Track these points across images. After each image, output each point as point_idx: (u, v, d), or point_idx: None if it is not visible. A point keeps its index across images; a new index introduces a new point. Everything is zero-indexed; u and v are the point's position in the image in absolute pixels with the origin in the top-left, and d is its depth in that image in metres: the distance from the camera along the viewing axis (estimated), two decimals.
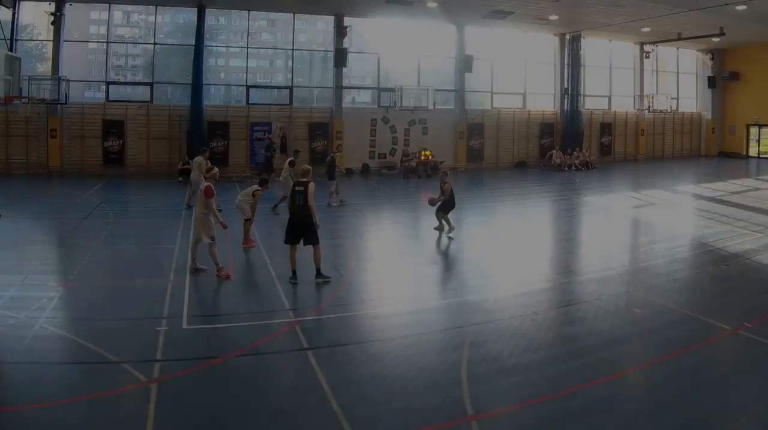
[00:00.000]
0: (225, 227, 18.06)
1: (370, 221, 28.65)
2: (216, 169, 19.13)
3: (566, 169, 49.06)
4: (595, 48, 54.41)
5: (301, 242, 16.93)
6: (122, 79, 44.55)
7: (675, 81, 59.97)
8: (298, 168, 18.65)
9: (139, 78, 44.66)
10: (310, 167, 17.94)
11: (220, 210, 20.16)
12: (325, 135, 45.26)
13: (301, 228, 16.70)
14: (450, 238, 22.84)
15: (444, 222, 23.42)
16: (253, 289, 17.53)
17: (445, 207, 23.38)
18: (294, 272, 16.92)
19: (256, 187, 21.82)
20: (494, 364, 11.84)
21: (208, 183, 18.04)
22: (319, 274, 17.00)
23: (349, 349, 12.81)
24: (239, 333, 13.62)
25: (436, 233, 23.50)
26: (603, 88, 56.06)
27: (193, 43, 41.62)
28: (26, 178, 38.48)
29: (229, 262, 18.93)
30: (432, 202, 23.59)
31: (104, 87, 42.17)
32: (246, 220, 21.45)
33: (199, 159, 27.76)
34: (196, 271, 17.96)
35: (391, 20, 46.60)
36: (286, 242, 16.93)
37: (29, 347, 12.37)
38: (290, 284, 16.80)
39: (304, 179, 16.97)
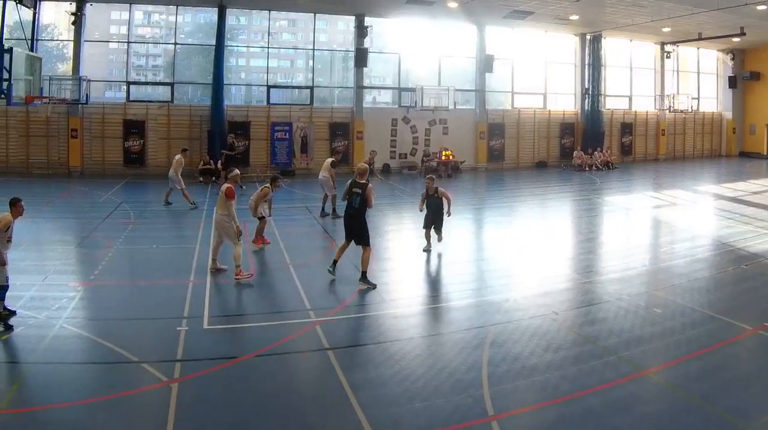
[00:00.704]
0: (240, 233, 17.44)
1: (390, 221, 27.78)
2: (237, 171, 19.06)
3: (587, 169, 48.13)
4: (615, 48, 53.33)
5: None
6: (143, 79, 43.80)
7: (696, 81, 58.55)
8: (356, 167, 17.61)
9: (160, 78, 43.79)
10: (367, 166, 17.67)
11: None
12: (346, 135, 44.57)
13: (356, 229, 16.65)
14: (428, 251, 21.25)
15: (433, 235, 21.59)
16: (273, 289, 17.30)
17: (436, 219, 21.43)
18: (335, 262, 17.07)
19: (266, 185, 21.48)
20: (515, 364, 11.76)
21: (230, 185, 17.82)
22: (364, 277, 16.66)
23: (370, 349, 12.81)
24: (259, 333, 13.52)
25: (447, 231, 22.29)
26: (624, 88, 54.92)
27: (214, 43, 40.96)
28: (47, 178, 37.70)
29: (249, 262, 18.83)
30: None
31: (125, 87, 41.52)
32: (260, 218, 21.01)
33: (177, 157, 28.80)
34: (217, 271, 17.80)
35: (412, 20, 45.78)
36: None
37: (50, 347, 12.24)
38: (325, 279, 17.08)
39: (363, 181, 16.73)
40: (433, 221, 20.71)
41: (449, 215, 20.80)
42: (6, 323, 12.99)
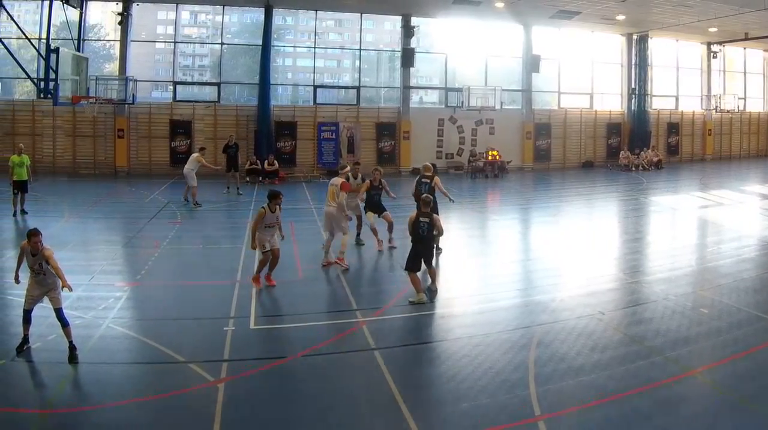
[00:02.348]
0: (350, 219, 18.22)
1: (437, 230, 25.67)
2: (348, 167, 19.91)
3: (633, 169, 45.86)
4: (662, 48, 50.69)
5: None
6: (189, 79, 42.37)
7: (742, 81, 55.58)
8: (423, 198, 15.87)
9: (207, 78, 42.39)
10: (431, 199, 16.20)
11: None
12: (393, 135, 42.58)
13: (424, 255, 15.25)
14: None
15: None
16: (320, 289, 16.65)
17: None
18: (424, 291, 15.11)
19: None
20: (561, 364, 11.47)
21: (343, 179, 18.37)
22: (433, 285, 15.44)
23: (416, 349, 12.59)
24: (306, 333, 13.21)
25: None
26: (670, 89, 52.14)
27: (260, 43, 39.48)
28: (93, 178, 36.70)
29: (296, 262, 18.42)
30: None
31: (171, 87, 40.27)
32: (263, 251, 16.04)
33: (195, 155, 28.61)
34: (329, 265, 17.87)
35: (459, 20, 43.47)
36: (411, 269, 15.09)
37: (96, 347, 12.02)
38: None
39: (427, 211, 15.40)
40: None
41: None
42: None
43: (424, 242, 15.22)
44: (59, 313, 11.68)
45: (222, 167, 32.95)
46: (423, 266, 15.17)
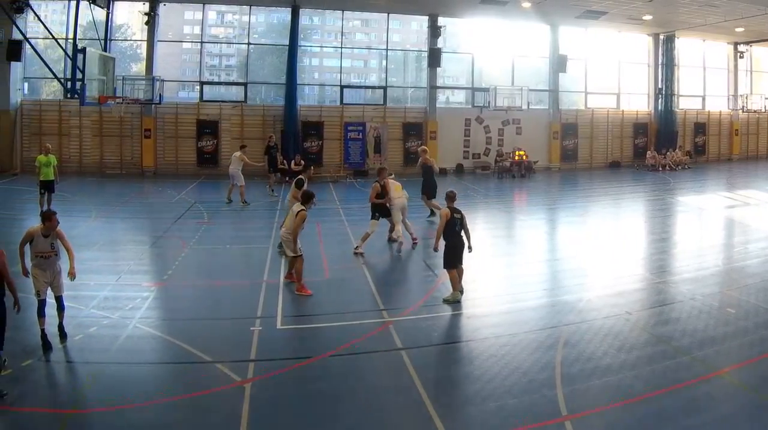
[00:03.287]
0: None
1: (467, 225, 25.00)
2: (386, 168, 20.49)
3: (660, 169, 44.40)
4: (688, 48, 49.13)
5: None
6: (216, 79, 41.52)
7: None
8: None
9: (233, 78, 41.33)
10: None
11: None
12: (419, 135, 41.25)
13: (461, 250, 15.04)
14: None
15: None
16: (346, 289, 16.25)
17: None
18: (461, 292, 14.94)
19: (299, 206, 15.40)
20: (588, 364, 11.27)
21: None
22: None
23: (443, 349, 12.39)
24: (333, 333, 12.98)
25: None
26: (697, 89, 50.57)
27: (287, 43, 38.51)
28: (120, 178, 35.89)
29: (323, 262, 18.14)
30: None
31: (198, 87, 39.36)
32: (295, 256, 15.33)
33: (237, 154, 28.11)
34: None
35: (485, 20, 42.24)
36: (452, 266, 14.89)
37: (123, 347, 11.84)
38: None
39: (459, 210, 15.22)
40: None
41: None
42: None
43: (459, 237, 14.95)
44: (60, 300, 11.83)
45: (264, 164, 32.04)
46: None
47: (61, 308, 11.88)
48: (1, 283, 10.01)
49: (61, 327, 11.89)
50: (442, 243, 14.90)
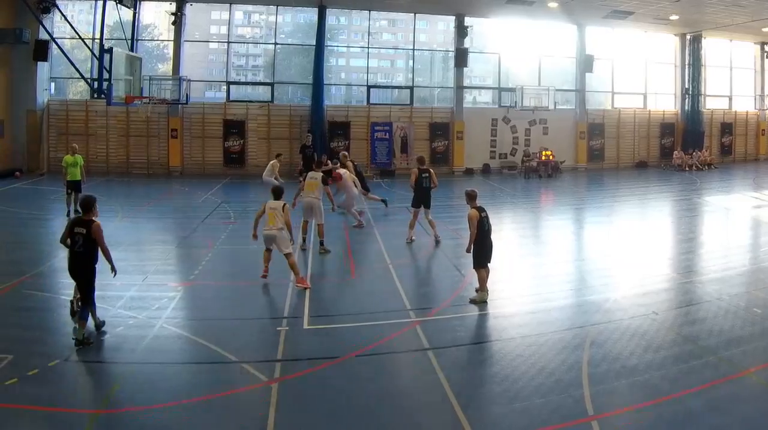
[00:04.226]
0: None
1: (490, 221, 24.63)
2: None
3: (686, 169, 43.24)
4: (715, 48, 47.82)
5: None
6: (243, 79, 40.57)
7: None
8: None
9: (260, 78, 40.37)
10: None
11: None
12: (446, 135, 40.35)
13: (491, 249, 14.67)
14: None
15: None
16: (373, 289, 15.83)
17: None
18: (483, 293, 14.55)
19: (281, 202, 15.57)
20: (615, 364, 10.93)
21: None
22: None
23: (470, 349, 12.12)
24: (360, 333, 12.57)
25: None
26: (723, 89, 49.12)
27: (314, 43, 37.65)
28: (147, 178, 35.28)
29: (350, 262, 18.21)
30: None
31: (225, 87, 38.50)
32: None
33: (272, 162, 27.17)
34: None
35: (512, 20, 41.31)
36: (482, 265, 14.49)
37: (149, 347, 11.57)
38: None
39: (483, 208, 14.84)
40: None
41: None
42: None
43: (489, 237, 14.60)
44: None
45: (299, 167, 31.32)
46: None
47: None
48: (96, 251, 11.57)
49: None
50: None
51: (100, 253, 11.69)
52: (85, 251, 11.57)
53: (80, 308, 11.57)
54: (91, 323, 11.73)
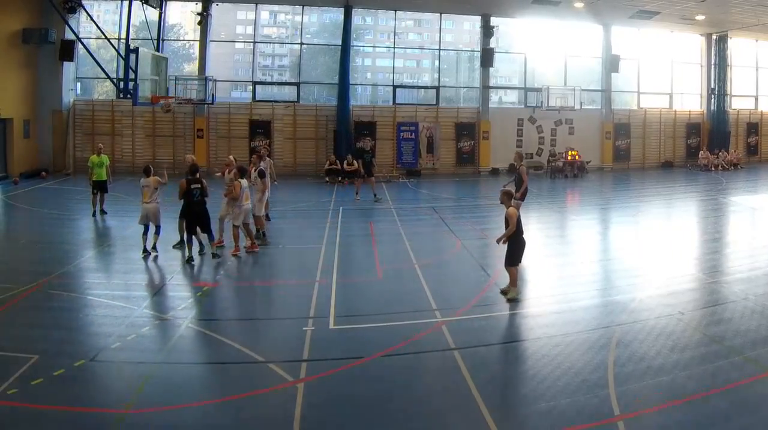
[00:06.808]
0: None
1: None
2: None
3: (713, 169, 41.00)
4: (741, 48, 45.29)
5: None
6: (269, 79, 38.68)
7: None
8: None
9: (286, 78, 38.63)
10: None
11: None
12: (472, 135, 38.41)
13: (524, 250, 14.26)
14: None
15: None
16: (399, 289, 15.19)
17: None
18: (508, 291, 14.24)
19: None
20: (641, 364, 10.49)
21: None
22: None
23: (496, 349, 11.72)
24: (386, 333, 12.12)
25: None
26: (750, 89, 46.46)
27: (340, 43, 35.99)
28: (171, 178, 32.92)
29: (376, 262, 17.54)
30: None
31: (251, 87, 36.92)
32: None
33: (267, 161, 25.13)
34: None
35: (538, 20, 39.31)
36: (514, 264, 14.16)
37: (176, 346, 11.34)
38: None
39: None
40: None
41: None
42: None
43: (523, 236, 14.19)
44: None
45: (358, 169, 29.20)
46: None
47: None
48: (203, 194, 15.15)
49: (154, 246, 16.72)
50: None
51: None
52: (203, 200, 16.49)
53: (207, 233, 16.80)
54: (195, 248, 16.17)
